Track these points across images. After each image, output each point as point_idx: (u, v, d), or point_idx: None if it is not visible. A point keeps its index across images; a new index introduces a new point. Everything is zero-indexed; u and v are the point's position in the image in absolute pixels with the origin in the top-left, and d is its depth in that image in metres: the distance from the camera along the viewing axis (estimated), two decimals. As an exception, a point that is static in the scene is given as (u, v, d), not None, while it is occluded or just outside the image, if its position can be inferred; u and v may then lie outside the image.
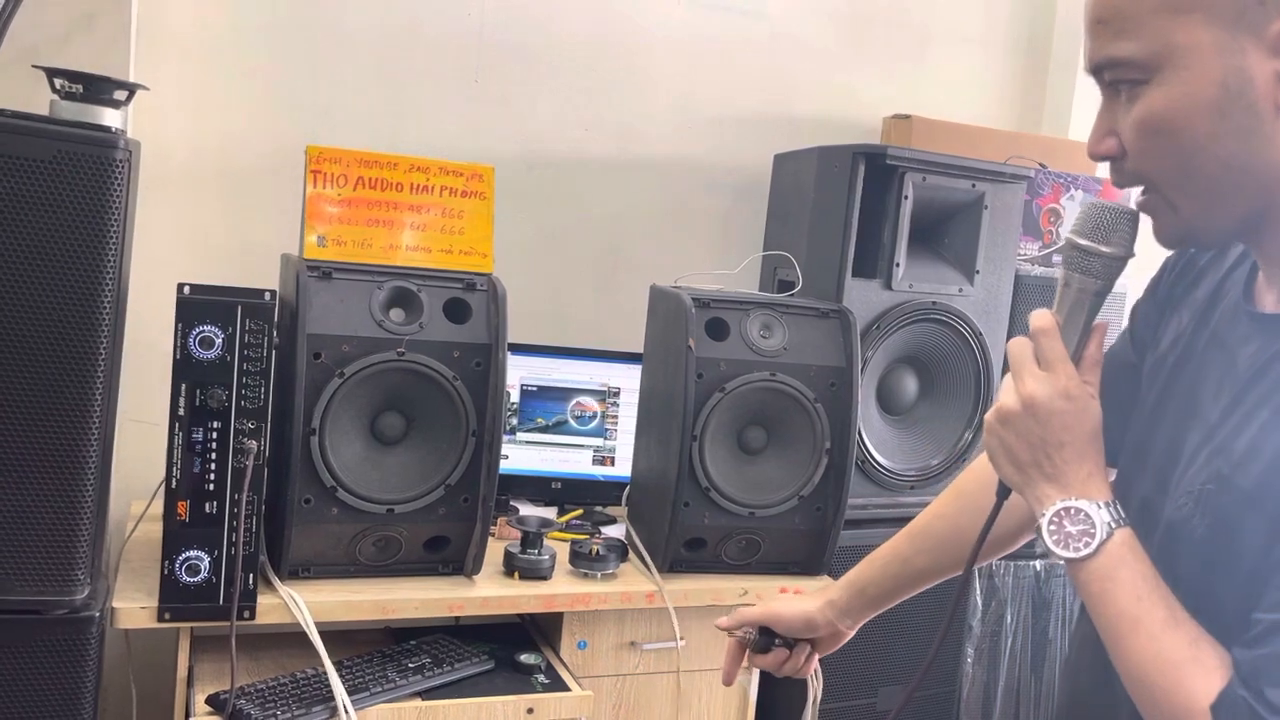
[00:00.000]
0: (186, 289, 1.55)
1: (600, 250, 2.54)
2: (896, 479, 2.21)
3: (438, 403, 1.75)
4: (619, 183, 2.54)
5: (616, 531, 2.17)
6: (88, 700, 1.48)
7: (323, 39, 2.26)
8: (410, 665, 1.72)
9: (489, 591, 1.81)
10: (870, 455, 2.16)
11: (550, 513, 2.24)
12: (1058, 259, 2.47)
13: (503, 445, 1.81)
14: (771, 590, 1.92)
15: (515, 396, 2.29)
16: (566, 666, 1.86)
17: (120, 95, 1.56)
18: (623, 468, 2.32)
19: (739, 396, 1.93)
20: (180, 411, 1.55)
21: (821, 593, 1.25)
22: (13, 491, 1.41)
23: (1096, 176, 2.53)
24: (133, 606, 1.59)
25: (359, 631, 1.87)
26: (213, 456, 1.57)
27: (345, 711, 1.57)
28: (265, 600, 1.65)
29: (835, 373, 1.98)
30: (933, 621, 2.15)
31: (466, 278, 1.80)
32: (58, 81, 1.53)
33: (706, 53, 2.57)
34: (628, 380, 2.33)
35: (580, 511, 2.29)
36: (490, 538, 1.81)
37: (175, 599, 1.58)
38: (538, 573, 1.86)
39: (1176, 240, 0.90)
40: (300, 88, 2.25)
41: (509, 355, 1.80)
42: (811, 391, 1.96)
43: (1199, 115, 0.82)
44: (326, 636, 1.63)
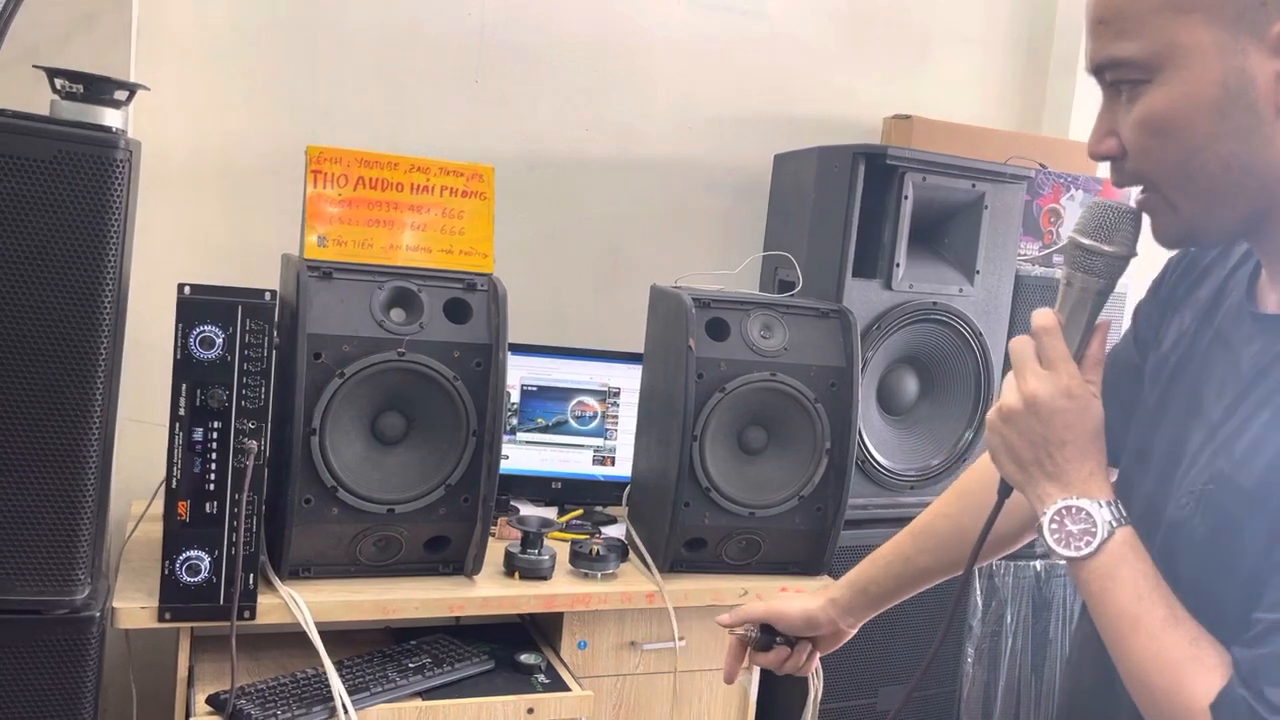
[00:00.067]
0: (187, 289, 1.55)
1: (600, 250, 2.54)
2: (897, 479, 2.21)
3: (438, 403, 1.75)
4: (619, 183, 2.54)
5: (617, 531, 2.17)
6: (88, 700, 1.48)
7: (323, 39, 2.27)
8: (410, 665, 1.72)
9: (489, 591, 1.81)
10: (870, 455, 2.16)
11: (550, 513, 2.24)
12: (1058, 259, 2.48)
13: (503, 445, 1.81)
14: (772, 590, 1.93)
15: (515, 396, 2.29)
16: (567, 666, 1.86)
17: (121, 95, 1.56)
18: (623, 468, 2.32)
19: (739, 396, 1.93)
20: (181, 411, 1.55)
21: (823, 591, 1.25)
22: (13, 491, 1.41)
23: (1097, 177, 2.53)
24: (133, 606, 1.59)
25: (359, 631, 1.87)
26: (213, 456, 1.57)
27: (345, 711, 1.57)
28: (265, 600, 1.65)
29: (835, 373, 1.98)
30: (933, 621, 2.15)
31: (467, 278, 1.80)
32: (58, 81, 1.53)
33: (706, 53, 2.57)
34: (628, 380, 2.33)
35: (580, 511, 2.29)
36: (490, 538, 1.81)
37: (175, 599, 1.58)
38: (538, 573, 1.86)
39: (1176, 240, 0.90)
40: (300, 88, 2.25)
41: (509, 355, 1.80)
42: (812, 391, 1.96)
43: (1199, 115, 0.82)
44: (327, 636, 1.63)
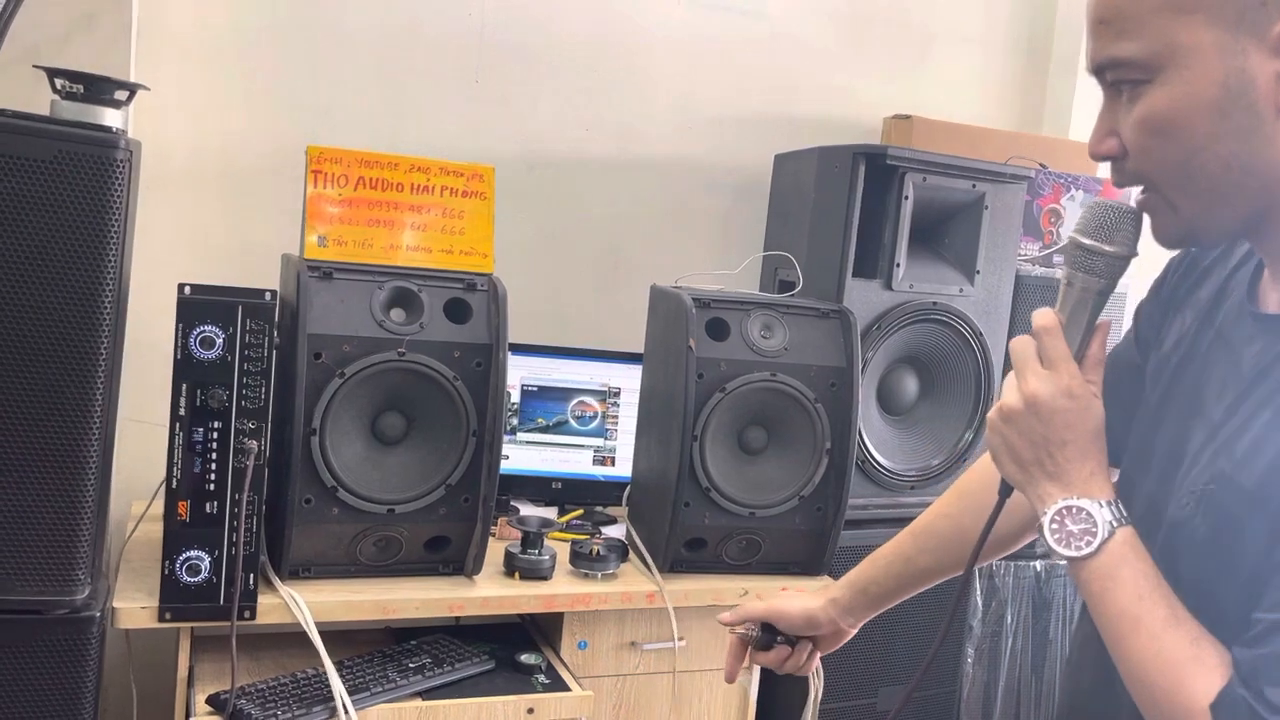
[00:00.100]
0: (187, 289, 1.55)
1: (601, 250, 2.54)
2: (897, 479, 2.21)
3: (438, 403, 1.75)
4: (619, 183, 2.54)
5: (617, 532, 2.17)
6: (88, 700, 1.48)
7: (323, 39, 2.27)
8: (411, 665, 1.72)
9: (489, 591, 1.81)
10: (870, 455, 2.16)
11: (551, 513, 2.24)
12: (1058, 259, 2.48)
13: (503, 445, 1.81)
14: (772, 590, 1.92)
15: (516, 396, 2.29)
16: (567, 666, 1.86)
17: (121, 95, 1.56)
18: (623, 468, 2.32)
19: (739, 397, 1.93)
20: (181, 411, 1.55)
21: (824, 591, 1.25)
22: (13, 491, 1.41)
23: (1097, 177, 2.53)
24: (133, 606, 1.59)
25: (359, 631, 1.87)
26: (213, 456, 1.57)
27: (346, 711, 1.57)
28: (266, 600, 1.65)
29: (836, 373, 1.98)
30: (933, 621, 2.15)
31: (467, 278, 1.80)
32: (58, 81, 1.53)
33: (707, 53, 2.57)
34: (628, 380, 2.33)
35: (580, 511, 2.29)
36: (491, 538, 1.81)
37: (176, 599, 1.58)
38: (538, 573, 1.86)
39: (1177, 240, 0.90)
40: (301, 88, 2.25)
41: (509, 355, 1.80)
42: (812, 392, 1.96)
43: (1200, 115, 0.82)
44: (327, 636, 1.63)
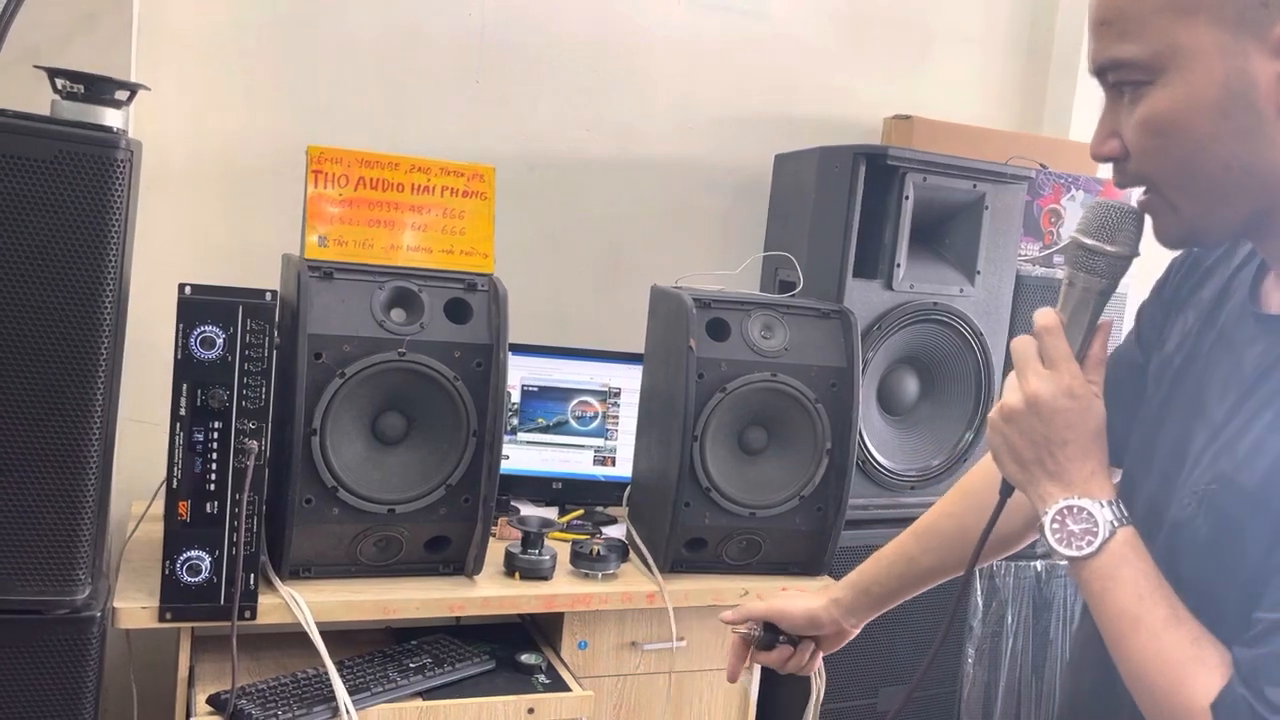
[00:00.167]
0: (187, 289, 1.55)
1: (601, 250, 2.54)
2: (897, 479, 2.21)
3: (439, 403, 1.75)
4: (620, 183, 2.54)
5: (617, 532, 2.17)
6: (89, 700, 1.48)
7: (324, 39, 2.27)
8: (411, 665, 1.72)
9: (490, 591, 1.81)
10: (871, 456, 2.16)
11: (551, 513, 2.24)
12: (1058, 259, 2.48)
13: (504, 445, 1.81)
14: (772, 591, 1.92)
15: (516, 397, 2.29)
16: (567, 666, 1.86)
17: (121, 95, 1.57)
18: (623, 468, 2.32)
19: (740, 397, 1.93)
20: (181, 411, 1.55)
21: (826, 590, 1.25)
22: (14, 491, 1.41)
23: (1097, 177, 2.53)
24: (134, 606, 1.59)
25: (360, 631, 1.87)
26: (214, 456, 1.57)
27: (346, 711, 1.57)
28: (266, 600, 1.65)
29: (836, 373, 1.98)
30: (934, 621, 2.15)
31: (467, 278, 1.80)
32: (59, 81, 1.53)
33: (707, 53, 2.57)
34: (628, 380, 2.33)
35: (581, 512, 2.29)
36: (491, 538, 1.81)
37: (176, 599, 1.58)
38: (538, 573, 1.86)
39: (1178, 241, 0.91)
40: (301, 88, 2.25)
41: (510, 355, 1.80)
42: (812, 392, 1.96)
43: (1201, 116, 0.82)
44: (327, 636, 1.63)
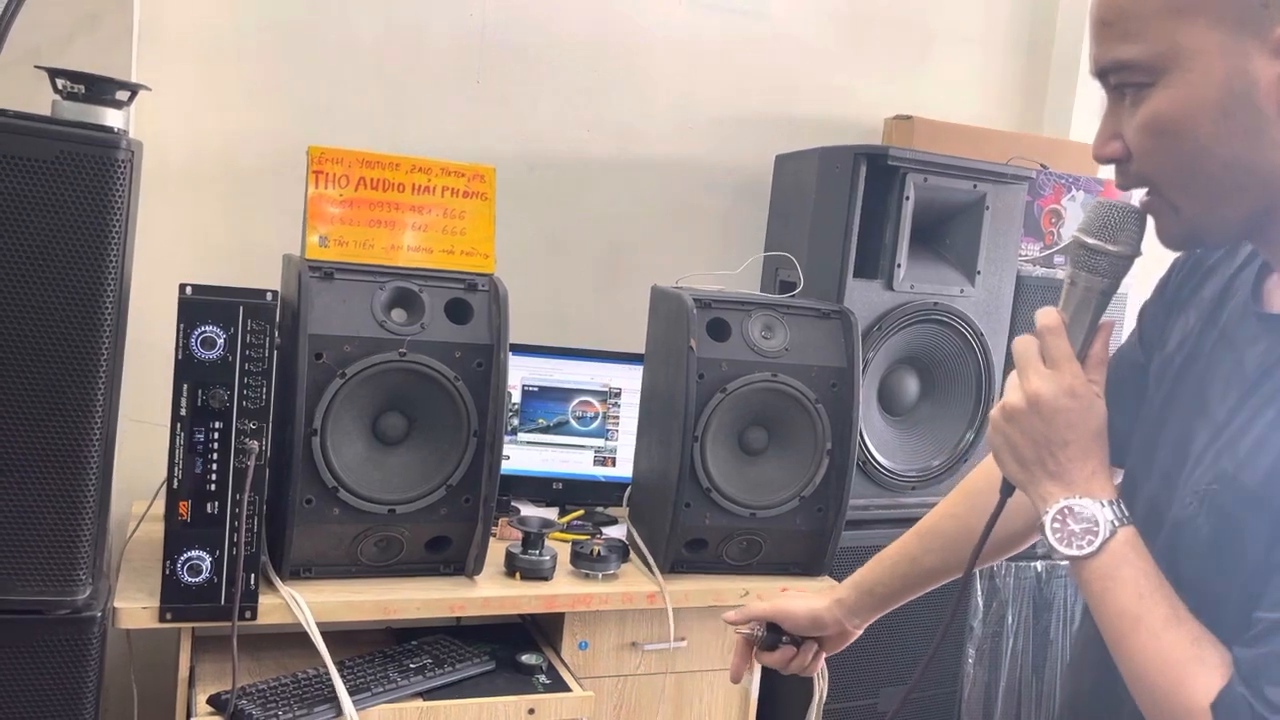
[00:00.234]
0: (188, 289, 1.55)
1: (601, 251, 2.55)
2: (898, 480, 2.21)
3: (439, 403, 1.75)
4: (620, 183, 2.54)
5: (618, 532, 2.17)
6: (89, 700, 1.48)
7: (325, 40, 2.27)
8: (412, 666, 1.72)
9: (490, 592, 1.81)
10: (871, 456, 2.16)
11: (551, 513, 2.24)
12: (1059, 259, 2.48)
13: (504, 446, 1.81)
14: (773, 591, 1.93)
15: (516, 397, 2.29)
16: (568, 667, 1.86)
17: (122, 96, 1.57)
18: (624, 468, 2.32)
19: (740, 397, 1.93)
20: (182, 412, 1.55)
21: (830, 591, 1.25)
22: (15, 491, 1.41)
23: (1098, 178, 2.53)
24: (134, 606, 1.59)
25: (360, 632, 1.87)
26: (214, 457, 1.57)
27: (347, 712, 1.57)
28: (267, 600, 1.65)
29: (836, 373, 1.98)
30: (934, 622, 2.15)
31: (468, 278, 1.80)
32: (60, 82, 1.54)
33: (707, 53, 2.58)
34: (629, 381, 2.33)
35: (581, 512, 2.29)
36: (491, 538, 1.81)
37: (177, 599, 1.58)
38: (539, 573, 1.86)
39: (1180, 242, 0.91)
40: (302, 88, 2.25)
41: (510, 355, 1.80)
42: (813, 392, 1.96)
43: (1203, 117, 0.82)
44: (328, 637, 1.63)
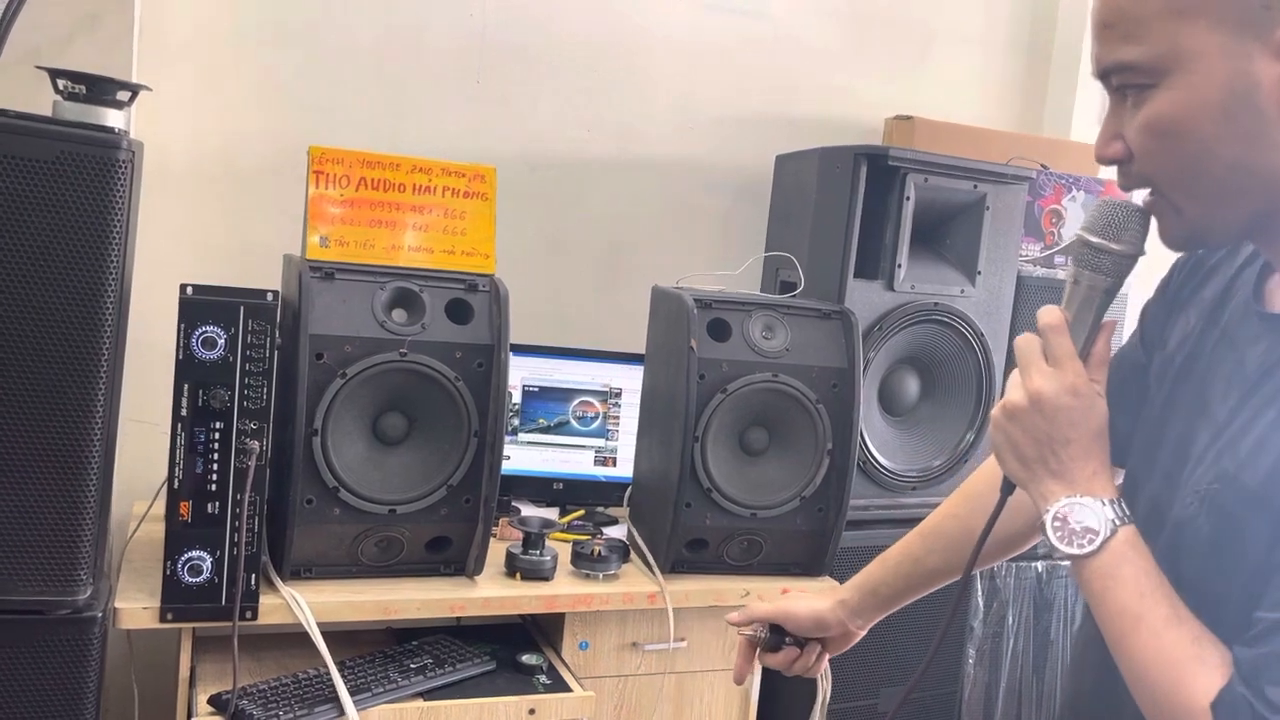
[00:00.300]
0: (189, 289, 1.55)
1: (602, 251, 2.55)
2: (898, 480, 2.20)
3: (440, 403, 1.75)
4: (620, 183, 2.54)
5: (618, 532, 2.17)
6: (90, 700, 1.48)
7: (325, 40, 2.27)
8: (412, 666, 1.72)
9: (491, 592, 1.81)
10: (872, 456, 2.16)
11: (552, 513, 2.24)
12: (1060, 259, 2.48)
13: (504, 446, 1.81)
14: (773, 591, 1.93)
15: (517, 397, 2.29)
16: (568, 667, 1.86)
17: (123, 96, 1.57)
18: (624, 468, 2.32)
19: (741, 397, 1.93)
20: (183, 412, 1.55)
21: (832, 592, 1.25)
22: (15, 491, 1.41)
23: (1098, 178, 2.53)
24: (135, 607, 1.59)
25: (361, 632, 1.87)
26: (215, 457, 1.57)
27: (348, 712, 1.57)
28: (267, 600, 1.65)
29: (837, 374, 1.98)
30: (935, 622, 2.15)
31: (468, 278, 1.80)
32: (61, 82, 1.54)
33: (707, 53, 2.58)
34: (629, 381, 2.33)
35: (582, 512, 2.29)
36: (492, 538, 1.81)
37: (177, 599, 1.58)
38: (539, 573, 1.86)
39: (1182, 242, 0.91)
40: (302, 88, 2.25)
41: (511, 356, 1.80)
42: (813, 392, 1.96)
43: (1205, 118, 0.82)
44: (328, 637, 1.63)
